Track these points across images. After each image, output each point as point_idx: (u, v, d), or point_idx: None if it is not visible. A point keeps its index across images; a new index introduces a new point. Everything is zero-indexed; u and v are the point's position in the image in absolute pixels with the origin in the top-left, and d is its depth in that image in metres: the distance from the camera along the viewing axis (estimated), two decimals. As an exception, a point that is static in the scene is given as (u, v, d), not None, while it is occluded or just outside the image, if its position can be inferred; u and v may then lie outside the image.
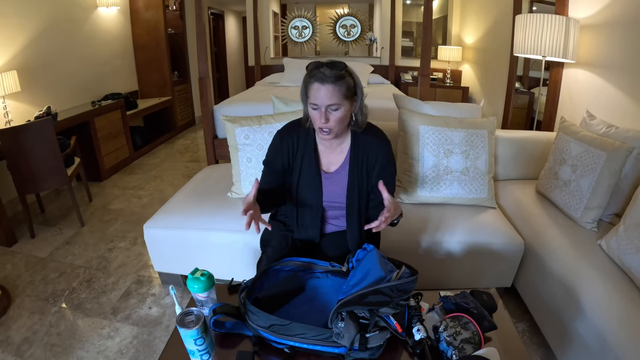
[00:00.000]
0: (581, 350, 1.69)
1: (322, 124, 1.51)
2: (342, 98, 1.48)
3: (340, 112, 1.50)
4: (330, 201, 1.72)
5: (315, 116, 1.51)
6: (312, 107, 1.51)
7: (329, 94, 1.45)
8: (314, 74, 1.48)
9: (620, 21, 2.64)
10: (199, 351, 1.17)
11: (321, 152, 1.71)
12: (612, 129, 2.20)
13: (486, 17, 5.38)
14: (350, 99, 1.52)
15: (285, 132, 1.72)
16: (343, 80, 1.47)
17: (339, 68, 1.48)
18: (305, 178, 1.70)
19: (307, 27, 7.28)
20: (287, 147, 1.69)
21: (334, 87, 1.45)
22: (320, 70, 1.46)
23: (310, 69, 1.51)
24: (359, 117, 1.61)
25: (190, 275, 1.35)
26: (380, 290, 1.20)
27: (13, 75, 3.49)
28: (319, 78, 1.46)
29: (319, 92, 1.46)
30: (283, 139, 1.70)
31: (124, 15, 5.67)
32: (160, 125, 6.32)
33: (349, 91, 1.50)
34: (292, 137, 1.70)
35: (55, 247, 3.13)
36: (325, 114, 1.49)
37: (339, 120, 1.51)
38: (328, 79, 1.44)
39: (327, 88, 1.45)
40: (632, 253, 1.70)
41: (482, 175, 2.40)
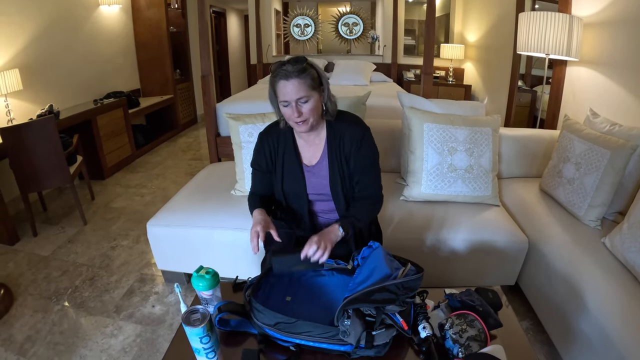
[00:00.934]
0: (585, 347, 1.69)
1: (296, 118, 1.53)
2: (309, 89, 1.50)
3: (311, 103, 1.53)
4: (315, 193, 1.74)
5: (288, 113, 1.54)
6: (283, 105, 1.54)
7: (295, 88, 1.48)
8: (277, 72, 1.51)
9: (623, 19, 2.63)
10: (204, 349, 1.17)
11: (301, 147, 1.74)
12: (615, 127, 2.19)
13: (488, 15, 5.37)
14: (317, 89, 1.55)
15: (264, 134, 1.76)
16: (306, 73, 1.50)
17: (300, 62, 1.51)
18: (288, 174, 1.73)
19: (310, 25, 7.28)
20: (268, 147, 1.72)
21: (299, 80, 1.48)
22: (283, 68, 1.49)
23: (274, 69, 1.53)
24: (329, 106, 1.63)
25: (195, 273, 1.35)
26: (386, 288, 1.19)
27: (15, 74, 3.49)
28: (283, 75, 1.49)
29: (285, 88, 1.49)
30: (263, 140, 1.74)
31: (125, 13, 5.67)
32: (163, 124, 6.33)
33: (314, 82, 1.53)
34: (272, 137, 1.73)
35: (57, 245, 3.13)
36: (297, 108, 1.51)
37: (311, 112, 1.54)
38: (292, 74, 1.47)
39: (292, 83, 1.48)
40: (636, 251, 1.70)
41: (486, 173, 2.40)
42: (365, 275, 1.29)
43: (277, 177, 1.74)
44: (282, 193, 1.75)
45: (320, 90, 1.57)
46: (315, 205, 1.80)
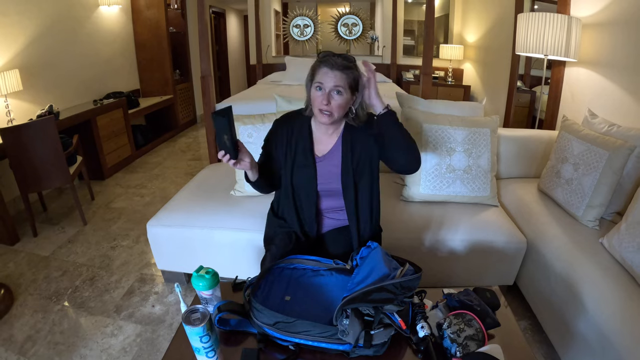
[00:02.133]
0: (583, 347, 1.70)
1: (324, 105, 1.56)
2: (346, 85, 1.54)
3: (341, 98, 1.56)
4: (324, 183, 1.74)
5: (318, 97, 1.57)
6: (317, 87, 1.57)
7: (336, 77, 1.53)
8: (325, 59, 1.55)
9: (622, 20, 2.64)
10: (204, 348, 1.17)
11: (315, 138, 1.76)
12: (614, 127, 2.20)
13: (488, 16, 5.38)
14: (352, 89, 1.58)
15: (281, 120, 1.79)
16: (350, 71, 1.55)
17: (350, 60, 1.56)
18: (299, 164, 1.73)
19: (309, 25, 7.28)
20: (284, 133, 1.75)
21: (342, 73, 1.53)
22: (333, 58, 1.54)
23: (323, 56, 1.57)
24: (360, 112, 1.66)
25: (195, 273, 1.36)
26: (384, 288, 1.20)
27: (15, 74, 3.50)
28: (329, 64, 1.53)
29: (326, 75, 1.54)
30: (279, 127, 1.77)
31: (125, 13, 5.67)
32: (162, 124, 6.34)
33: (354, 82, 1.57)
34: (288, 124, 1.76)
35: (57, 245, 3.14)
36: (328, 96, 1.55)
37: (339, 107, 1.57)
38: (338, 66, 1.53)
39: (334, 73, 1.53)
40: (634, 251, 1.71)
41: (485, 174, 2.41)
42: (364, 275, 1.30)
43: (287, 166, 1.75)
44: (290, 184, 1.75)
45: (354, 92, 1.60)
46: (322, 202, 1.79)
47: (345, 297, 1.20)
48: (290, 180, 1.75)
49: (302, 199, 1.76)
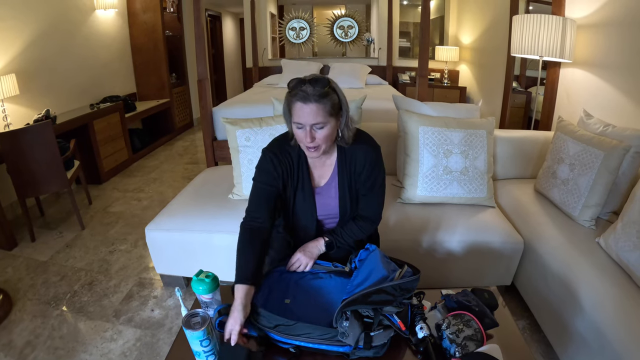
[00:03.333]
0: (581, 346, 1.71)
1: (308, 143, 1.44)
2: (326, 116, 1.40)
3: (326, 130, 1.43)
4: (324, 214, 1.70)
5: (301, 135, 1.44)
6: (297, 127, 1.44)
7: (312, 113, 1.38)
8: (296, 92, 1.40)
9: (616, 21, 2.66)
10: (204, 352, 1.18)
11: (311, 166, 1.66)
12: (609, 127, 2.22)
13: (483, 17, 5.40)
14: (335, 116, 1.44)
15: (276, 151, 1.60)
16: (327, 98, 1.39)
17: (322, 85, 1.39)
18: (299, 195, 1.65)
19: (305, 28, 7.30)
20: (285, 165, 1.60)
21: (318, 105, 1.37)
22: (302, 89, 1.38)
23: (292, 87, 1.42)
24: (345, 133, 1.53)
25: (195, 277, 1.36)
26: (383, 290, 1.21)
27: (12, 79, 3.50)
28: (301, 97, 1.38)
29: (302, 111, 1.38)
30: (274, 159, 1.58)
31: (121, 17, 5.68)
32: (159, 128, 6.33)
33: (334, 108, 1.43)
34: (284, 155, 1.60)
35: (56, 250, 3.13)
36: (310, 133, 1.41)
37: (325, 138, 1.44)
38: (311, 97, 1.37)
39: (310, 107, 1.37)
40: (630, 250, 1.72)
41: (481, 175, 2.42)
42: (363, 278, 1.31)
43: (287, 198, 1.66)
44: (291, 214, 1.69)
45: (338, 116, 1.47)
46: (323, 224, 1.75)
47: (345, 300, 1.21)
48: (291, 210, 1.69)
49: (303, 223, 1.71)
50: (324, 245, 1.57)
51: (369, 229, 1.67)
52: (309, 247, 1.55)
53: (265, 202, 1.58)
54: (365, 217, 1.66)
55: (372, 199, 1.64)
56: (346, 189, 1.63)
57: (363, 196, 1.64)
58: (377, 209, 1.67)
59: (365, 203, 1.65)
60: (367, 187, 1.61)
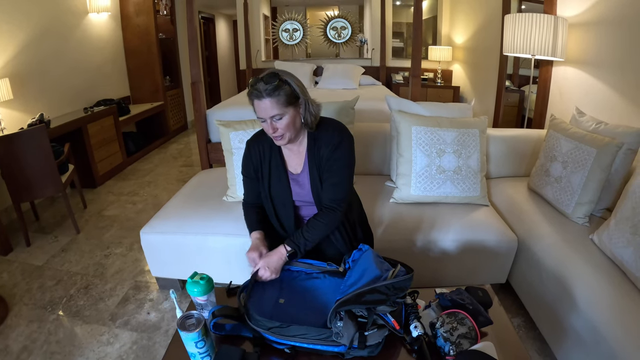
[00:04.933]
0: (576, 342, 1.72)
1: (272, 134, 1.56)
2: (282, 107, 1.50)
3: (285, 120, 1.53)
4: (300, 200, 1.76)
5: (265, 127, 1.57)
6: (261, 121, 1.55)
7: (267, 107, 1.49)
8: (251, 91, 1.51)
9: (607, 19, 2.68)
10: (200, 354, 1.18)
11: (286, 156, 1.75)
12: (601, 125, 2.23)
13: (475, 17, 5.42)
14: (292, 104, 1.54)
15: (252, 141, 1.77)
16: (279, 90, 1.48)
17: (273, 79, 1.49)
18: (275, 181, 1.73)
19: (298, 29, 7.31)
20: (256, 154, 1.74)
21: (271, 99, 1.48)
22: (255, 87, 1.49)
23: (249, 86, 1.53)
24: (308, 118, 1.61)
25: (189, 279, 1.37)
26: (377, 289, 1.22)
27: (5, 83, 3.49)
28: (255, 95, 1.49)
29: (259, 106, 1.50)
30: (251, 148, 1.76)
31: (114, 20, 5.66)
32: (153, 131, 6.32)
33: (289, 97, 1.51)
34: (259, 144, 1.74)
35: (51, 254, 3.12)
36: (272, 125, 1.53)
37: (287, 127, 1.54)
38: (263, 93, 1.47)
39: (264, 102, 1.48)
40: (623, 246, 1.74)
41: (475, 174, 2.43)
42: (356, 278, 1.31)
43: (263, 183, 1.75)
44: (269, 198, 1.76)
45: (296, 104, 1.56)
46: (301, 210, 1.81)
47: (339, 300, 1.21)
48: (268, 194, 1.76)
49: (280, 209, 1.77)
50: (286, 256, 1.58)
51: (332, 220, 1.65)
52: (273, 260, 1.56)
53: (249, 190, 1.84)
54: (326, 206, 1.66)
55: (332, 182, 1.66)
56: (316, 176, 1.68)
57: (324, 179, 1.67)
58: (336, 195, 1.66)
59: (326, 189, 1.67)
60: (328, 168, 1.65)
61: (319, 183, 1.69)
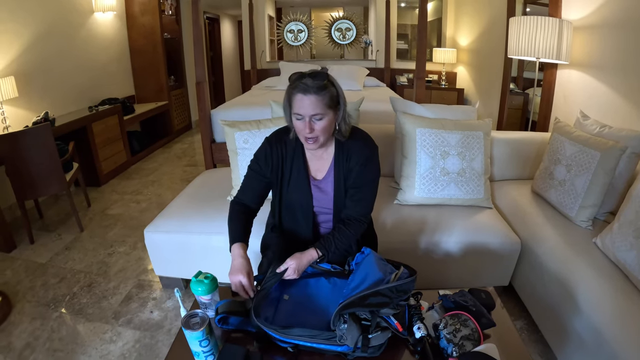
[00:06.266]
0: (578, 345, 1.72)
1: (307, 134, 1.50)
2: (325, 108, 1.47)
3: (324, 122, 1.49)
4: (320, 206, 1.72)
5: (300, 126, 1.51)
6: (296, 117, 1.50)
7: (312, 104, 1.45)
8: (296, 84, 1.47)
9: (612, 22, 2.67)
10: (203, 352, 1.19)
11: (309, 160, 1.70)
12: (605, 128, 2.23)
13: (480, 19, 5.42)
14: (333, 108, 1.51)
15: (274, 139, 1.69)
16: (326, 90, 1.46)
17: (321, 78, 1.47)
18: (295, 185, 1.68)
19: (303, 30, 7.32)
20: (278, 154, 1.66)
21: (317, 97, 1.45)
22: (303, 81, 1.46)
23: (293, 80, 1.50)
24: (342, 126, 1.59)
25: (194, 278, 1.37)
26: (380, 292, 1.22)
27: (10, 81, 3.51)
28: (301, 89, 1.45)
29: (302, 102, 1.46)
30: (273, 146, 1.67)
31: (120, 20, 5.69)
32: (157, 130, 6.35)
33: (332, 101, 1.49)
34: (281, 145, 1.67)
35: (54, 252, 3.14)
36: (309, 124, 1.48)
37: (323, 130, 1.51)
38: (311, 89, 1.44)
39: (309, 98, 1.44)
40: (627, 250, 1.73)
41: (479, 176, 2.43)
42: (359, 281, 1.32)
43: (281, 186, 1.70)
44: (283, 202, 1.73)
45: (336, 109, 1.54)
46: (319, 217, 1.77)
47: (342, 303, 1.22)
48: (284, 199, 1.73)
49: (298, 216, 1.74)
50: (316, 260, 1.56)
51: (359, 231, 1.65)
52: (303, 263, 1.52)
53: (251, 188, 1.73)
54: (353, 218, 1.65)
55: (360, 197, 1.64)
56: (341, 183, 1.66)
57: (351, 194, 1.65)
58: (364, 209, 1.66)
59: (353, 201, 1.65)
60: (359, 182, 1.63)
61: (343, 192, 1.67)
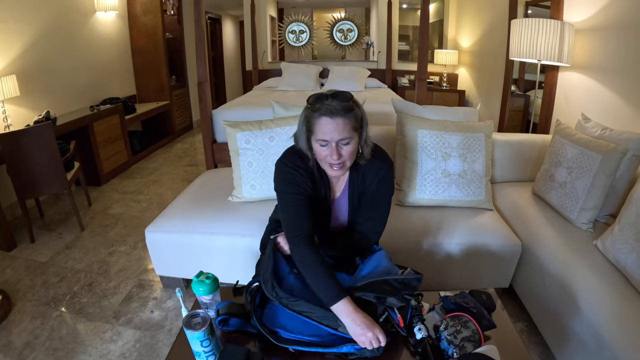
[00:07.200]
0: (578, 347, 1.72)
1: (335, 160, 1.38)
2: (351, 131, 1.36)
3: (351, 146, 1.39)
4: (335, 225, 1.70)
5: (325, 152, 1.39)
6: (321, 144, 1.38)
7: (339, 128, 1.33)
8: (319, 107, 1.35)
9: (614, 25, 2.68)
10: (205, 352, 1.19)
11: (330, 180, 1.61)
12: (606, 131, 2.23)
13: (482, 21, 5.42)
14: (357, 131, 1.40)
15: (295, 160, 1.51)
16: (352, 112, 1.36)
17: (346, 99, 1.36)
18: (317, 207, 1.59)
19: (305, 31, 7.32)
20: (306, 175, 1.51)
21: (344, 120, 1.34)
22: (326, 103, 1.34)
23: (312, 102, 1.39)
24: (365, 149, 1.48)
25: (195, 278, 1.37)
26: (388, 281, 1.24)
27: (12, 80, 3.51)
28: (327, 111, 1.33)
29: (328, 126, 1.34)
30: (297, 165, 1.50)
31: (122, 19, 5.69)
32: (159, 130, 6.35)
33: (357, 122, 1.39)
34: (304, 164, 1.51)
35: (55, 251, 3.14)
36: (337, 150, 1.37)
37: (350, 155, 1.41)
38: (338, 112, 1.33)
39: (337, 122, 1.33)
40: (627, 252, 1.73)
41: (480, 178, 2.43)
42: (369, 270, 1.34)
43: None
44: None
45: (360, 132, 1.43)
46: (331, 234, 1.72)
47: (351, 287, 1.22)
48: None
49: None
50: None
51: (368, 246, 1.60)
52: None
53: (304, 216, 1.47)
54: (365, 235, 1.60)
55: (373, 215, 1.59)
56: (355, 202, 1.61)
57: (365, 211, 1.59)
58: (377, 228, 1.61)
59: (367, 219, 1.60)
60: (377, 200, 1.57)
61: (356, 210, 1.61)
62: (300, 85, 6.03)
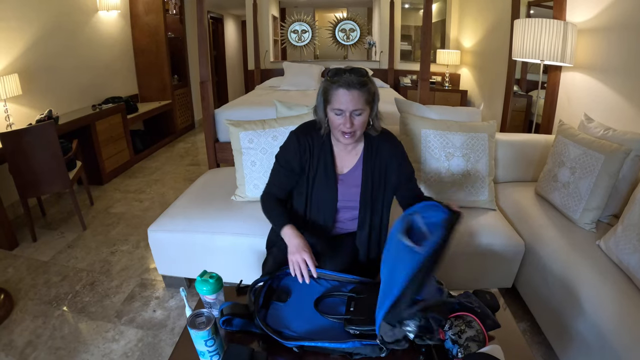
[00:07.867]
0: (581, 347, 1.72)
1: (347, 129, 1.54)
2: (364, 103, 1.53)
3: (363, 117, 1.55)
4: (344, 200, 1.74)
5: (339, 121, 1.55)
6: (336, 113, 1.54)
7: (354, 99, 1.50)
8: (337, 79, 1.51)
9: (617, 25, 2.67)
10: (209, 352, 1.19)
11: (337, 154, 1.74)
12: (609, 131, 2.23)
13: (484, 21, 5.42)
14: (370, 104, 1.57)
15: (302, 134, 1.72)
16: (366, 87, 1.52)
17: (362, 74, 1.52)
18: (320, 180, 1.71)
19: (307, 31, 7.32)
20: (306, 148, 1.70)
21: (360, 92, 1.50)
22: (344, 76, 1.50)
23: (332, 75, 1.54)
24: (376, 122, 1.67)
25: (199, 278, 1.37)
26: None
27: (14, 79, 3.51)
28: (344, 83, 1.49)
29: (344, 97, 1.50)
30: (300, 140, 1.71)
31: (124, 19, 5.69)
32: (161, 129, 6.35)
33: (370, 97, 1.55)
34: (308, 138, 1.71)
35: (57, 250, 3.14)
36: (350, 119, 1.53)
37: (361, 125, 1.57)
38: (355, 85, 1.49)
39: (352, 94, 1.49)
40: (630, 252, 1.73)
41: (483, 178, 2.43)
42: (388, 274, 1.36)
43: (307, 181, 1.73)
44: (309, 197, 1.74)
45: (372, 106, 1.60)
46: (340, 213, 1.78)
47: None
48: (308, 195, 1.74)
49: (319, 211, 1.75)
50: None
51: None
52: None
53: (278, 183, 1.77)
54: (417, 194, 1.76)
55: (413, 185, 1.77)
56: (369, 178, 1.70)
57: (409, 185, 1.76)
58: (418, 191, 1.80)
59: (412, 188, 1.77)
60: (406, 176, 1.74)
61: (370, 186, 1.71)
62: (302, 84, 6.02)
